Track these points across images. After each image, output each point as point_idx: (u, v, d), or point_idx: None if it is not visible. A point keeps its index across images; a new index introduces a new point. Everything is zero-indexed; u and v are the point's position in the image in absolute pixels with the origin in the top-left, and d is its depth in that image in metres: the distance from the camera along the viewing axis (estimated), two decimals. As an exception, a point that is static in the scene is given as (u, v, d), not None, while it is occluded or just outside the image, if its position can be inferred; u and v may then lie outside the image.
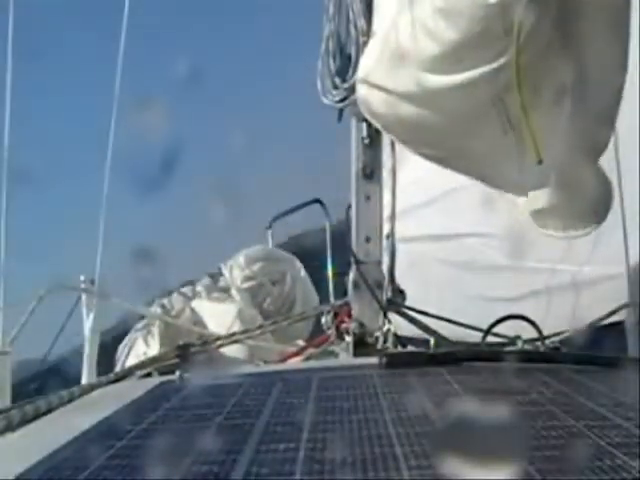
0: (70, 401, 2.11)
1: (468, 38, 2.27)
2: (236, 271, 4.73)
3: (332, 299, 4.61)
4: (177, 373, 1.96)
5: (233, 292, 4.55)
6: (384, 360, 1.89)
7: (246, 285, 4.65)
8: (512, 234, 3.71)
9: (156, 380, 2.06)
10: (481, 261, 4.16)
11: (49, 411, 2.08)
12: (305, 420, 1.43)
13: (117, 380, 2.51)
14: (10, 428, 1.77)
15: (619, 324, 3.37)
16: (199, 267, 4.77)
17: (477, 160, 2.71)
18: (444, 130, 2.63)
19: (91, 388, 2.35)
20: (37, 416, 1.95)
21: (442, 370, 1.82)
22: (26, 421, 1.84)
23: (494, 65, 2.28)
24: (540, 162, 2.29)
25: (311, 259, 5.22)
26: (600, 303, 3.42)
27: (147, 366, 2.79)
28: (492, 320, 2.70)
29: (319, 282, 4.93)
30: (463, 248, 4.25)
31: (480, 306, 3.86)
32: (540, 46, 2.31)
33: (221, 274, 4.80)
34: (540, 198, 2.58)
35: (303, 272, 5.01)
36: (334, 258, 4.71)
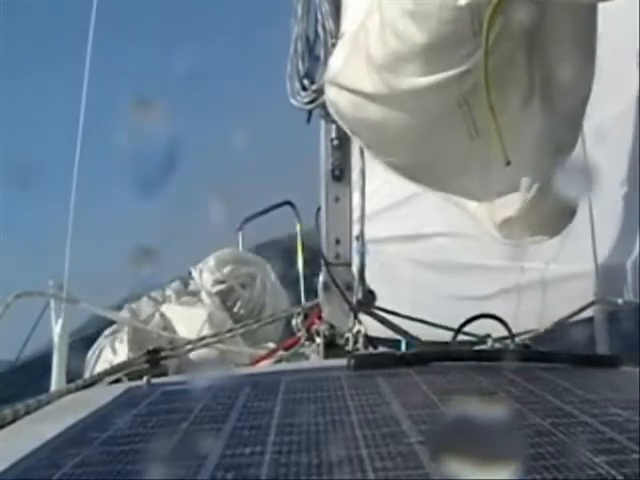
0: (37, 409, 2.08)
1: (437, 40, 2.28)
2: (206, 274, 4.71)
3: (303, 301, 4.61)
4: (145, 379, 1.95)
5: (203, 296, 4.52)
6: (352, 362, 1.88)
7: (216, 289, 4.62)
8: (481, 233, 3.72)
9: (124, 386, 2.04)
10: (450, 260, 4.17)
11: (15, 419, 2.06)
12: (272, 423, 1.42)
13: (86, 387, 2.49)
14: None
15: (589, 321, 3.40)
16: (168, 271, 4.74)
17: (441, 166, 2.71)
18: (410, 133, 2.63)
19: (59, 395, 2.32)
20: (3, 425, 1.93)
21: (410, 371, 1.82)
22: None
23: (462, 67, 2.28)
24: (508, 163, 2.30)
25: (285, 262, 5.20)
26: (570, 301, 3.45)
27: (116, 372, 2.76)
28: (463, 319, 2.72)
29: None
30: (432, 248, 4.26)
31: (451, 305, 3.87)
32: (508, 48, 2.32)
33: (191, 277, 4.77)
34: (504, 207, 2.58)
35: (273, 276, 5.00)
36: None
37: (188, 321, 4.12)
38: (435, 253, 4.24)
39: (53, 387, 3.65)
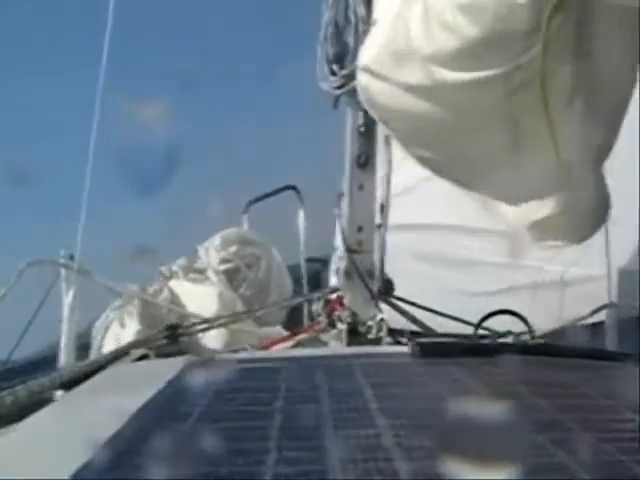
0: (77, 380, 2.03)
1: (489, 36, 2.27)
2: (212, 252, 4.65)
3: (305, 288, 4.62)
4: (206, 354, 1.92)
5: (210, 274, 4.47)
6: (418, 349, 1.88)
7: (222, 267, 4.57)
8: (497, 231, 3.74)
9: (183, 360, 1.98)
10: (458, 255, 4.19)
11: (53, 389, 2.02)
12: (370, 406, 1.42)
13: (113, 360, 2.44)
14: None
15: (599, 324, 3.44)
16: (175, 251, 4.69)
17: (474, 163, 2.70)
18: (447, 127, 2.61)
19: (91, 367, 2.26)
20: (40, 393, 1.90)
21: (475, 361, 1.83)
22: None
23: (512, 64, 2.28)
24: (561, 159, 2.31)
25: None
26: (581, 303, 3.48)
27: (137, 347, 2.71)
28: (470, 313, 2.74)
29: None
30: (445, 241, 4.27)
31: (460, 300, 3.89)
32: (560, 48, 2.33)
33: (197, 256, 4.71)
34: (536, 209, 2.58)
35: (278, 256, 4.96)
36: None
37: (198, 298, 4.07)
38: (441, 246, 4.25)
39: (62, 358, 3.59)
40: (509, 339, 2.57)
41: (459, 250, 4.19)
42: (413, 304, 3.12)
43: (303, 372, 1.72)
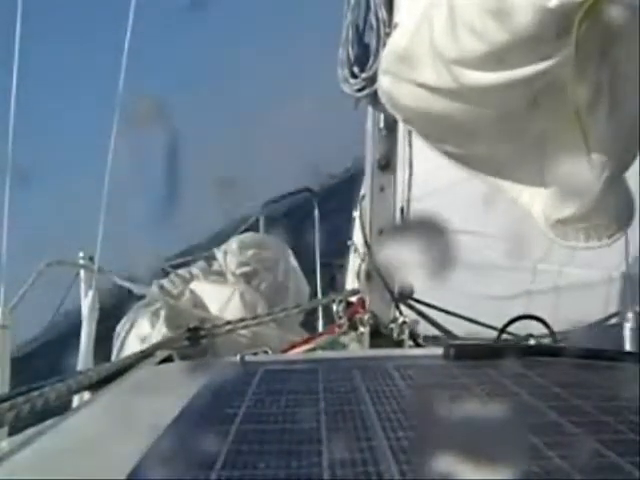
0: (103, 381, 2.02)
1: (519, 40, 2.27)
2: (230, 257, 4.64)
3: (319, 289, 4.62)
4: (238, 356, 1.91)
5: (229, 277, 4.47)
6: (452, 351, 1.88)
7: (240, 271, 4.57)
8: (511, 234, 3.74)
9: (208, 362, 1.99)
10: (476, 259, 4.18)
11: (78, 390, 2.00)
12: (413, 409, 1.41)
13: (137, 362, 2.43)
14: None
15: (614, 327, 3.43)
16: (192, 251, 4.70)
17: (499, 161, 2.70)
18: (473, 128, 2.62)
19: (118, 369, 2.25)
20: (70, 393, 1.88)
21: (509, 363, 1.83)
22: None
23: (539, 67, 2.28)
24: (591, 157, 2.31)
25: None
26: (596, 306, 3.48)
27: (161, 348, 2.70)
28: (488, 317, 2.73)
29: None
30: (459, 245, 4.26)
31: (478, 304, 3.88)
32: (587, 51, 2.33)
33: (214, 259, 4.71)
34: (561, 208, 2.58)
35: (294, 260, 4.96)
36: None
37: (219, 300, 4.06)
38: (460, 250, 4.24)
39: (81, 357, 3.59)
40: (531, 342, 2.57)
41: (476, 254, 4.18)
42: (434, 307, 3.12)
43: (339, 374, 1.71)
